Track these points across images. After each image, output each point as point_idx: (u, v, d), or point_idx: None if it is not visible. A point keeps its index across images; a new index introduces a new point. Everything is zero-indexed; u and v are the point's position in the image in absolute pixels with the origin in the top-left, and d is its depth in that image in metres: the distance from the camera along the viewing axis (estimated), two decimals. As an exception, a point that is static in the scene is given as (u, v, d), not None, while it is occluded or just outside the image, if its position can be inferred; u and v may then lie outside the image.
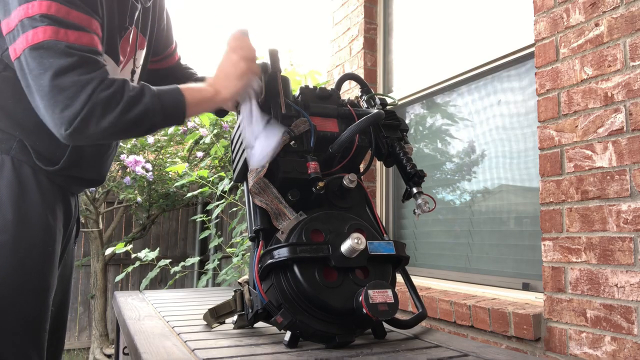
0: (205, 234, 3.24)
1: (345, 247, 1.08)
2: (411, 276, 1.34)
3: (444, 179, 2.27)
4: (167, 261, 2.84)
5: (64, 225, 1.17)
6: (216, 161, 3.33)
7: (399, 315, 1.19)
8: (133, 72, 1.28)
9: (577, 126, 1.46)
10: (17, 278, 1.03)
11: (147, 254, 2.85)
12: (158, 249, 3.06)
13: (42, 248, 1.07)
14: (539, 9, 1.61)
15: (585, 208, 1.43)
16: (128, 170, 4.10)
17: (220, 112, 1.40)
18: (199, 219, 3.70)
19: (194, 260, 3.01)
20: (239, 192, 2.97)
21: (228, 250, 2.95)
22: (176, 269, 2.93)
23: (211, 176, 3.25)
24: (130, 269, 2.97)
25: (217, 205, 2.94)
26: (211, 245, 3.57)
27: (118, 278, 3.07)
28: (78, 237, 1.31)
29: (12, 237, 1.02)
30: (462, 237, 2.11)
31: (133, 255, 2.92)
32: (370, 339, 1.19)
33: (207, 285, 3.97)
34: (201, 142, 3.53)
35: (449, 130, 2.27)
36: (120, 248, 2.96)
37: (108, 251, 3.07)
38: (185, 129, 3.74)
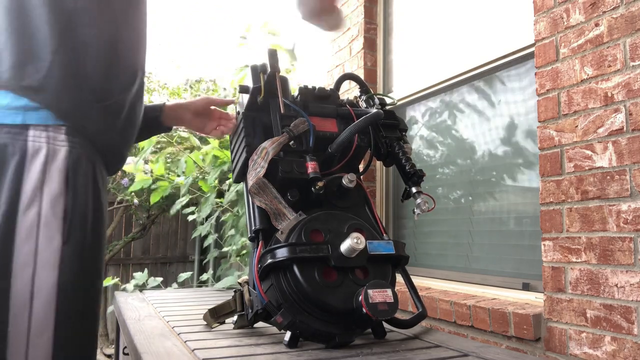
0: (204, 243, 3.23)
1: (344, 246, 1.07)
2: (411, 276, 1.34)
3: (444, 179, 2.27)
4: (159, 280, 2.76)
5: None
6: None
7: (399, 315, 1.19)
8: None
9: (577, 126, 1.46)
10: (97, 282, 0.98)
11: (145, 282, 2.75)
12: (146, 270, 2.94)
13: (104, 247, 1.03)
14: (539, 9, 1.61)
15: (585, 208, 1.42)
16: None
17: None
18: (198, 236, 3.68)
19: (186, 275, 2.94)
20: (228, 196, 2.84)
21: (225, 262, 2.94)
22: (169, 291, 2.87)
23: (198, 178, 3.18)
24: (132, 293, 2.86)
25: (208, 217, 2.89)
26: (209, 257, 3.53)
27: (110, 282, 3.00)
28: None
29: (99, 239, 0.97)
30: (462, 237, 2.11)
31: (122, 287, 2.78)
32: (370, 339, 1.19)
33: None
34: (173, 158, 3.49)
35: (449, 130, 2.27)
36: (108, 282, 2.91)
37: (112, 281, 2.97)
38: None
